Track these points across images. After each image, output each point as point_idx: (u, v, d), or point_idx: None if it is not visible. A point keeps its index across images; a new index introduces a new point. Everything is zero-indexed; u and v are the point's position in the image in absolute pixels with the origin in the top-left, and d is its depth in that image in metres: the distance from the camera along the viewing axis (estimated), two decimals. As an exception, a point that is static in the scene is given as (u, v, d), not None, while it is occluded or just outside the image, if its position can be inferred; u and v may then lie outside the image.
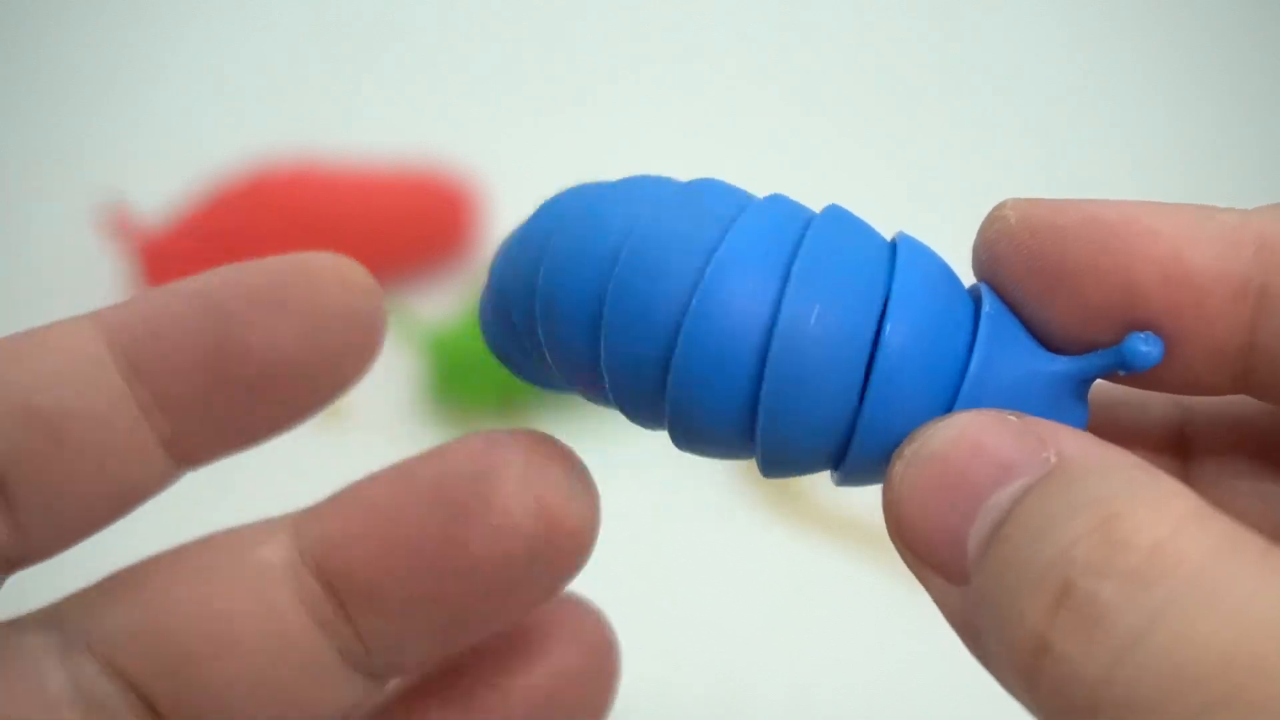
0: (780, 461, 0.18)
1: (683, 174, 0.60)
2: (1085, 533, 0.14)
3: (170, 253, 0.47)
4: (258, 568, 0.19)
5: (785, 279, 0.17)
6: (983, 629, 0.15)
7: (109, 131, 0.55)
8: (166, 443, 0.19)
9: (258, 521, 0.20)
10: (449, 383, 0.45)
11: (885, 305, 0.17)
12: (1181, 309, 0.17)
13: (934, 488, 0.16)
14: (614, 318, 0.18)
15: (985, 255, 0.18)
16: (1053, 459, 0.16)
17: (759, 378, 0.17)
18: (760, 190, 0.19)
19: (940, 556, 0.16)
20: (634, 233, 0.18)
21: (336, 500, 0.20)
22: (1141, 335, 0.17)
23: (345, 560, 0.19)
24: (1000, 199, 0.19)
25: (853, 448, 0.17)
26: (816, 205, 0.19)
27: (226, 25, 0.60)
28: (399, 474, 0.20)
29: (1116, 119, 0.56)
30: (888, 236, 0.19)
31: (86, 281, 0.49)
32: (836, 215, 0.18)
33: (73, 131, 0.54)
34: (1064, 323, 0.18)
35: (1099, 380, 0.18)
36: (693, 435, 0.18)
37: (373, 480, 0.20)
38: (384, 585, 0.19)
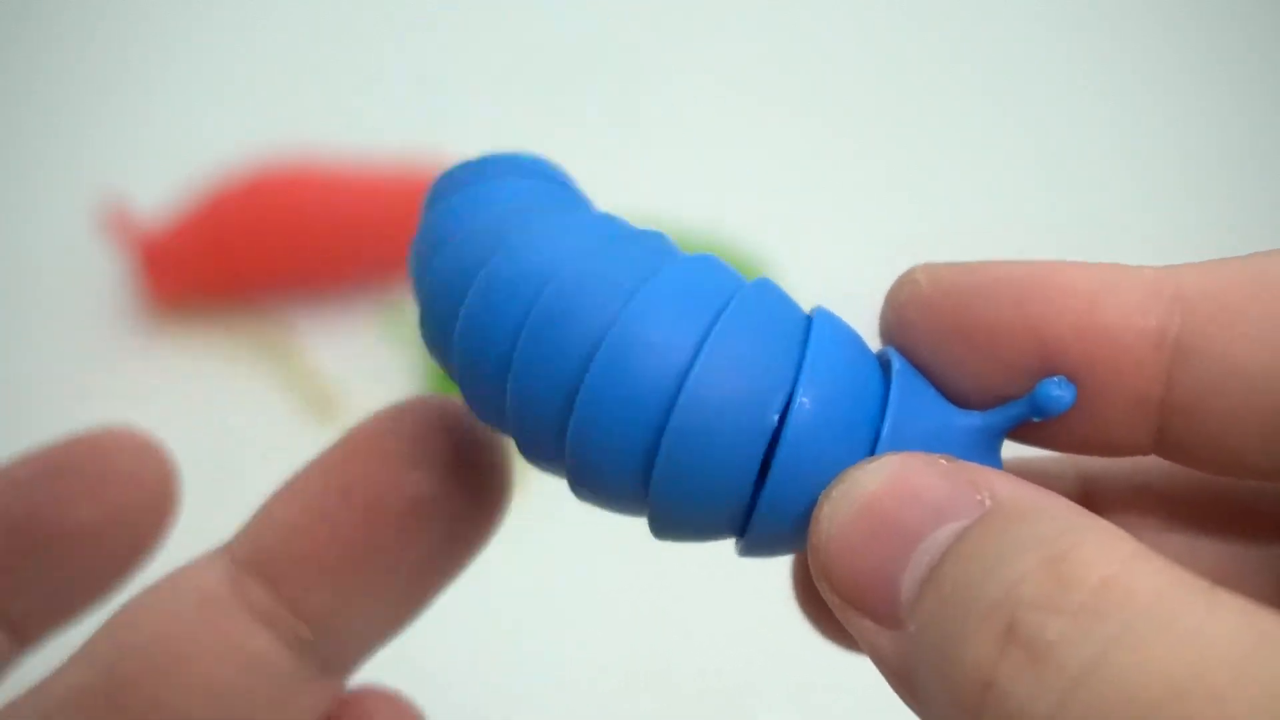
0: (671, 524, 0.18)
1: (682, 174, 0.60)
2: (1031, 570, 0.14)
3: (170, 253, 0.47)
4: (201, 591, 0.19)
5: (703, 339, 0.17)
6: (920, 672, 0.15)
7: (109, 131, 0.55)
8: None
9: (197, 557, 0.21)
10: (447, 381, 0.45)
11: (797, 374, 0.17)
12: (1097, 362, 0.17)
13: (864, 529, 0.16)
14: (525, 354, 0.17)
15: (895, 319, 0.18)
16: (987, 501, 0.16)
17: (660, 434, 0.17)
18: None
19: (871, 600, 0.16)
20: (559, 274, 0.17)
21: (261, 507, 0.21)
22: (1054, 380, 0.17)
23: (274, 543, 0.20)
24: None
25: (756, 516, 0.17)
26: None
27: (226, 25, 0.60)
28: (317, 462, 0.21)
29: (1115, 122, 0.56)
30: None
31: (86, 281, 0.49)
32: (764, 286, 0.18)
33: (73, 131, 0.55)
34: (977, 384, 0.18)
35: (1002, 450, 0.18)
36: (587, 482, 0.18)
37: (294, 476, 0.21)
38: (314, 550, 0.19)
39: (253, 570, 0.19)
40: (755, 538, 0.18)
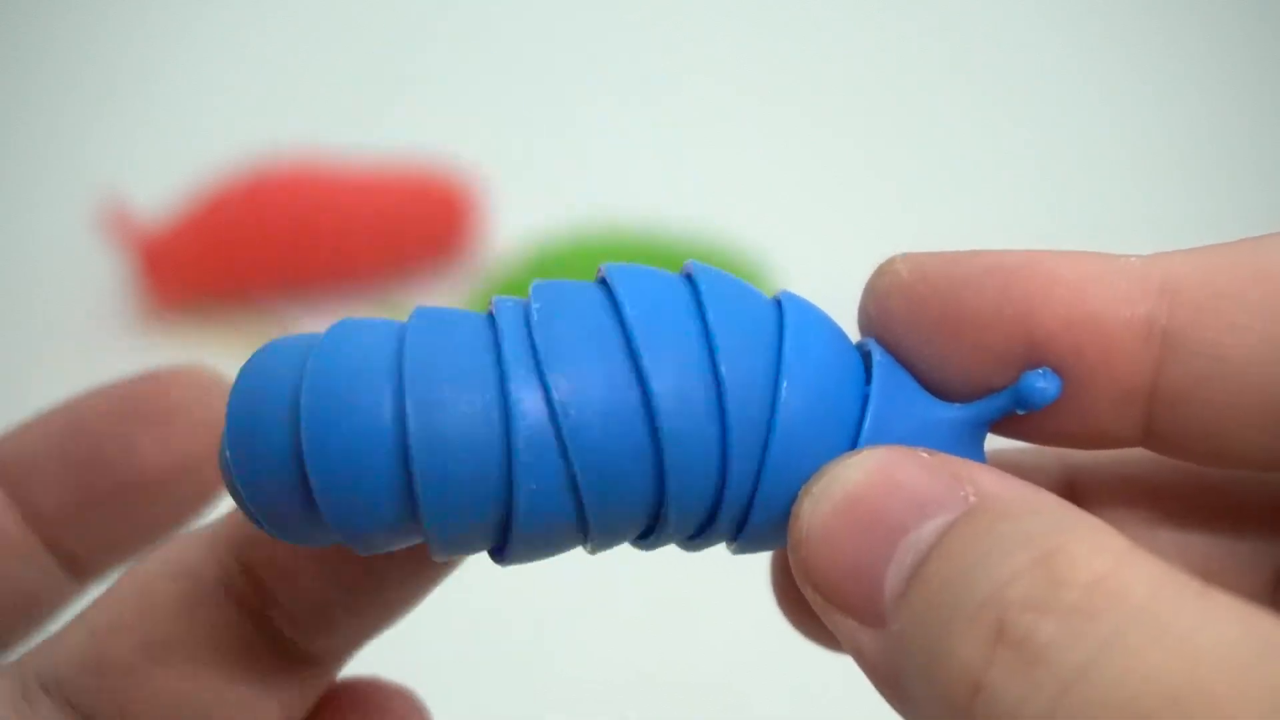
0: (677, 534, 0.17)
1: (681, 174, 0.59)
2: (1021, 570, 0.14)
3: (170, 253, 0.47)
4: (188, 578, 0.18)
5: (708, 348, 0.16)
6: (905, 672, 0.15)
7: (109, 131, 0.55)
8: (57, 555, 0.21)
9: (188, 533, 0.19)
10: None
11: (778, 365, 0.17)
12: (1085, 352, 0.17)
13: (846, 525, 0.16)
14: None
15: (875, 310, 0.18)
16: (972, 497, 0.15)
17: (658, 450, 0.16)
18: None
19: (853, 598, 0.15)
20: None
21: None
22: (1039, 371, 0.17)
23: (253, 541, 0.18)
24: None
25: (753, 513, 0.17)
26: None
27: (228, 25, 0.60)
28: None
29: (1112, 122, 0.56)
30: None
31: (86, 281, 0.49)
32: (719, 277, 0.17)
33: (73, 131, 0.55)
34: (959, 375, 0.17)
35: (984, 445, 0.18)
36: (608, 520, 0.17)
37: None
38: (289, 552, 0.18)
39: (240, 564, 0.19)
40: (750, 536, 0.17)
